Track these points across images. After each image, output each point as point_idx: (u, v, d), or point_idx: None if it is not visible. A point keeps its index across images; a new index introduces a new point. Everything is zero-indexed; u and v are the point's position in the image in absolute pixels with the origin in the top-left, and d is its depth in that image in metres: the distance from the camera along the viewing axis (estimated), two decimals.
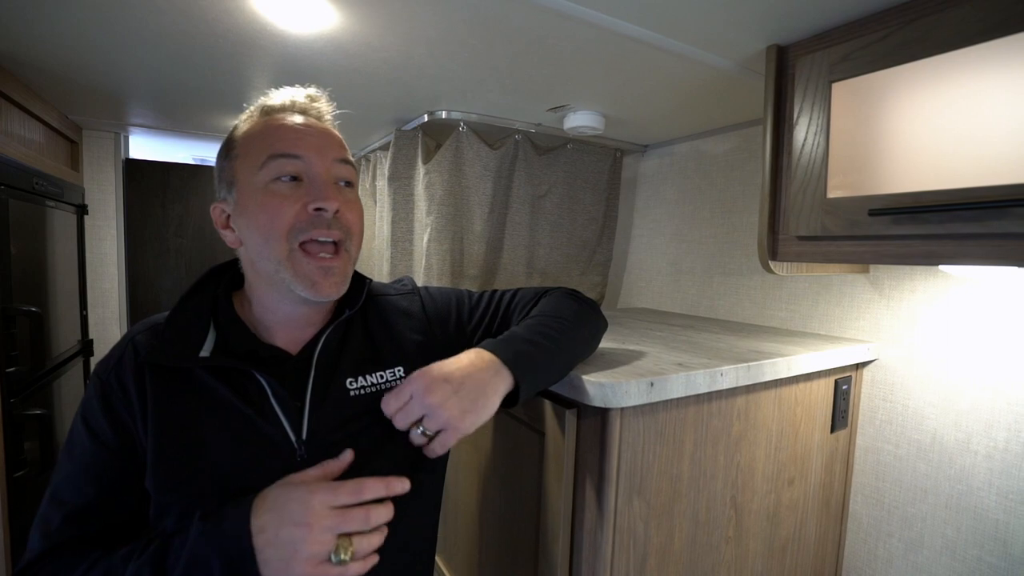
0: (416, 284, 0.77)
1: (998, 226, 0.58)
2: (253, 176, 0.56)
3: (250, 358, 0.58)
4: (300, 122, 0.59)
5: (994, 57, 0.58)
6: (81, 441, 0.55)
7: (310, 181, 0.56)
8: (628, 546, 0.69)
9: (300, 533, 0.46)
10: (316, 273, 0.56)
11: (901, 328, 0.95)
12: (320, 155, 0.57)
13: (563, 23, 0.75)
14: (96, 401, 0.55)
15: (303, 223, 0.55)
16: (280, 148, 0.56)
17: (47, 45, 0.93)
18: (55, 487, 0.55)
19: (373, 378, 0.63)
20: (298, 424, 0.57)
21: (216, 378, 0.56)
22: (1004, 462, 0.81)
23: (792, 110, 0.78)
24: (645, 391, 0.65)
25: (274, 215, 0.55)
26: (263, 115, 0.60)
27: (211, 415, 0.55)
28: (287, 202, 0.55)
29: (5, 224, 1.05)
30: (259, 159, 0.56)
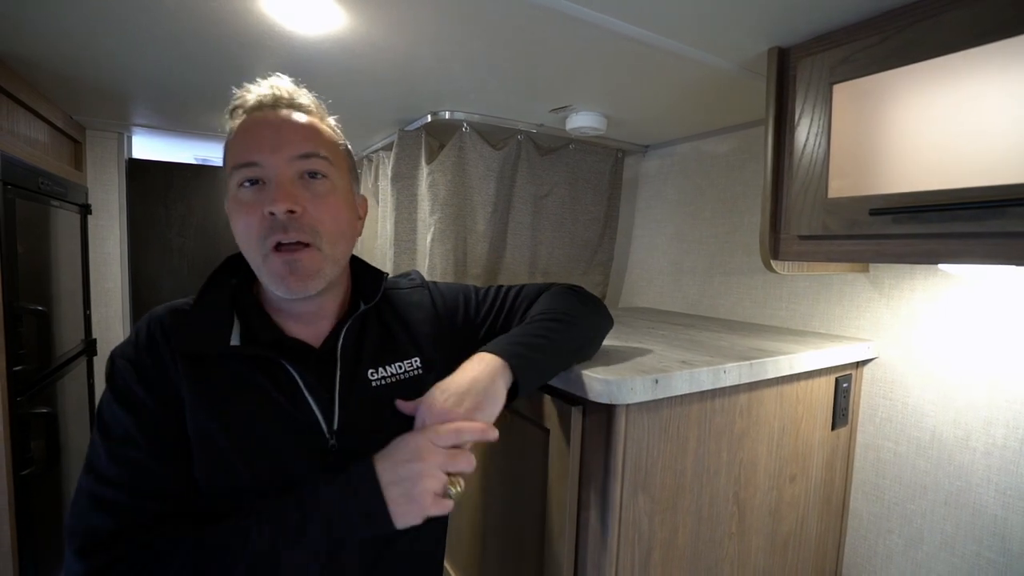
0: (424, 278, 0.78)
1: (996, 225, 0.59)
2: (229, 185, 0.58)
3: (275, 348, 0.59)
4: (261, 120, 0.58)
5: (991, 60, 0.60)
6: (120, 422, 0.53)
7: (268, 184, 0.56)
8: (633, 541, 0.70)
9: (417, 468, 0.49)
10: (282, 269, 0.56)
11: (901, 327, 0.96)
12: (274, 153, 0.56)
13: (566, 25, 0.76)
14: (130, 378, 0.55)
15: (265, 229, 0.55)
16: (240, 157, 0.56)
17: (54, 45, 0.93)
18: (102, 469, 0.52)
19: (392, 368, 0.65)
20: (330, 414, 0.59)
21: (246, 366, 0.57)
22: (1002, 459, 0.82)
23: (793, 111, 0.79)
24: (650, 388, 0.65)
25: (244, 224, 0.56)
26: (235, 118, 0.60)
27: (246, 401, 0.56)
28: (251, 210, 0.55)
29: (12, 224, 1.05)
30: (229, 168, 0.58)
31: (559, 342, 0.65)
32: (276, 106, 0.60)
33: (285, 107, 0.60)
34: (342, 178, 0.62)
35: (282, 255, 0.55)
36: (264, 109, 0.59)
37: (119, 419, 0.54)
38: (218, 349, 0.56)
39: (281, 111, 0.59)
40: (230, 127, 0.60)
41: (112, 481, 0.52)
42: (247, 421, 0.56)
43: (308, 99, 0.63)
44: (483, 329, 0.74)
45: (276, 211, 0.54)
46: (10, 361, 1.04)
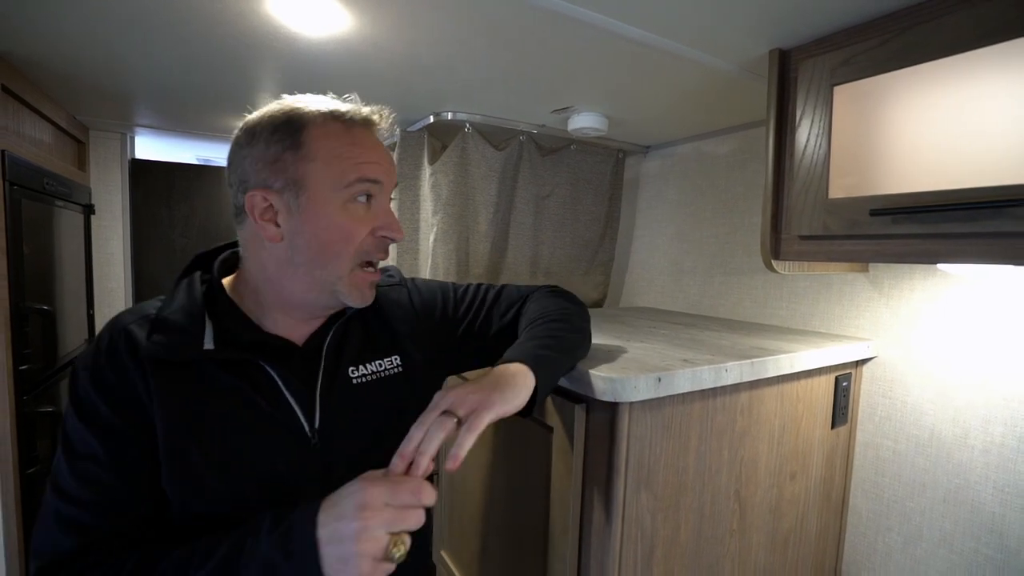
0: (403, 275, 0.78)
1: (994, 225, 0.60)
2: (333, 191, 0.56)
3: (254, 348, 0.58)
4: (377, 144, 0.59)
5: (990, 62, 0.60)
6: (83, 438, 0.52)
7: (378, 206, 0.59)
8: (636, 538, 0.71)
9: (356, 527, 0.44)
10: (367, 288, 0.60)
11: (900, 326, 0.97)
12: (390, 182, 0.60)
13: (568, 26, 0.77)
14: (92, 392, 0.52)
15: (369, 246, 0.59)
16: (369, 173, 0.57)
17: (58, 46, 0.94)
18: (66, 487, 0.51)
19: (372, 366, 0.65)
20: (310, 412, 0.59)
21: (222, 369, 0.55)
22: (1000, 456, 0.83)
23: (794, 113, 0.80)
24: (653, 386, 0.66)
25: (348, 235, 0.57)
26: (339, 122, 0.57)
27: (222, 407, 0.55)
28: (360, 225, 0.57)
29: (18, 224, 1.06)
30: (347, 177, 0.56)
31: (567, 343, 0.67)
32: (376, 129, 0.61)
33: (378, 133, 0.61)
34: None
35: (371, 275, 0.60)
36: (371, 127, 0.60)
37: (81, 435, 0.52)
38: (190, 355, 0.54)
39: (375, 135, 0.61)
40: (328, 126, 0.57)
41: (76, 500, 0.51)
42: (222, 430, 0.54)
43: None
44: (461, 327, 0.74)
45: (398, 239, 0.60)
46: (16, 360, 1.05)
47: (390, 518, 0.46)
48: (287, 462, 0.56)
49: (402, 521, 0.46)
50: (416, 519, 0.47)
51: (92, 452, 0.52)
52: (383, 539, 0.45)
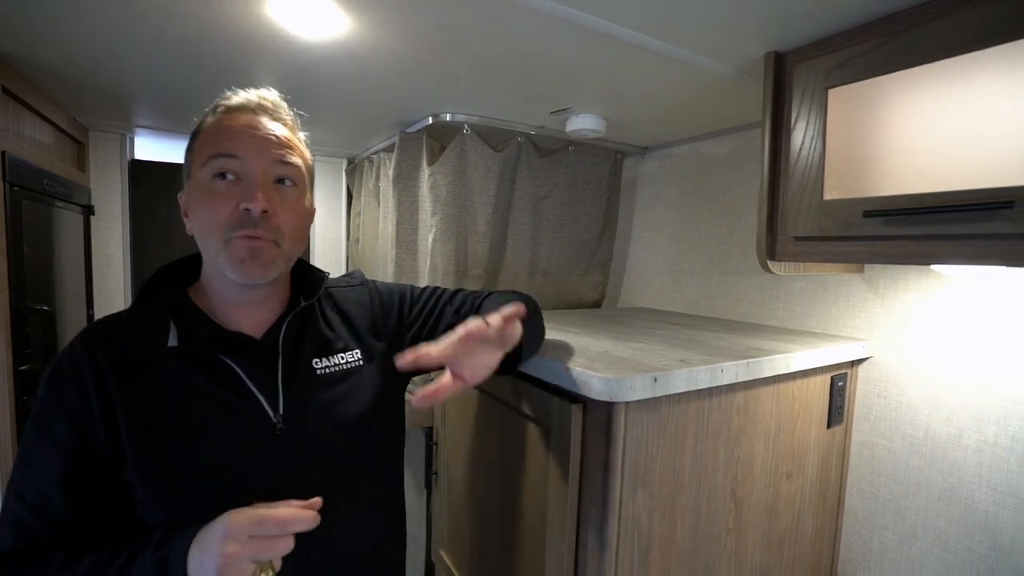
0: (365, 277, 0.83)
1: (987, 227, 0.61)
2: (199, 172, 0.60)
3: (215, 345, 0.61)
4: (245, 122, 0.61)
5: (983, 65, 0.61)
6: (36, 445, 0.55)
7: (245, 180, 0.59)
8: (632, 536, 0.71)
9: (217, 561, 0.48)
10: (244, 253, 0.59)
11: (895, 326, 0.97)
12: (258, 155, 0.60)
13: (567, 29, 0.78)
14: (49, 404, 0.56)
15: (235, 221, 0.58)
16: (221, 148, 0.59)
17: (58, 47, 0.94)
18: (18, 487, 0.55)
19: (335, 359, 0.69)
20: (274, 401, 0.62)
21: (186, 366, 0.58)
22: (994, 456, 0.83)
23: (790, 115, 0.81)
24: (649, 386, 0.67)
25: (212, 212, 0.58)
26: (217, 114, 0.62)
27: (187, 402, 0.58)
28: (223, 200, 0.58)
29: (19, 224, 1.06)
30: (204, 157, 0.59)
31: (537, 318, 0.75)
32: (259, 112, 0.63)
33: (268, 116, 0.63)
34: (306, 188, 0.67)
35: (246, 241, 0.59)
36: (247, 112, 0.62)
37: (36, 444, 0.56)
38: (154, 352, 0.57)
39: (263, 118, 0.63)
40: (207, 121, 0.62)
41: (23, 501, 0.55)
42: (190, 424, 0.57)
43: (288, 114, 0.67)
44: (410, 332, 0.78)
45: (253, 209, 0.58)
46: (16, 361, 1.05)
47: (254, 550, 0.49)
48: (255, 450, 0.59)
49: (267, 551, 0.50)
50: (283, 546, 0.51)
51: (41, 461, 0.55)
52: (247, 569, 0.49)
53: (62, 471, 0.55)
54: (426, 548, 1.40)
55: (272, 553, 0.50)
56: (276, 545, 0.51)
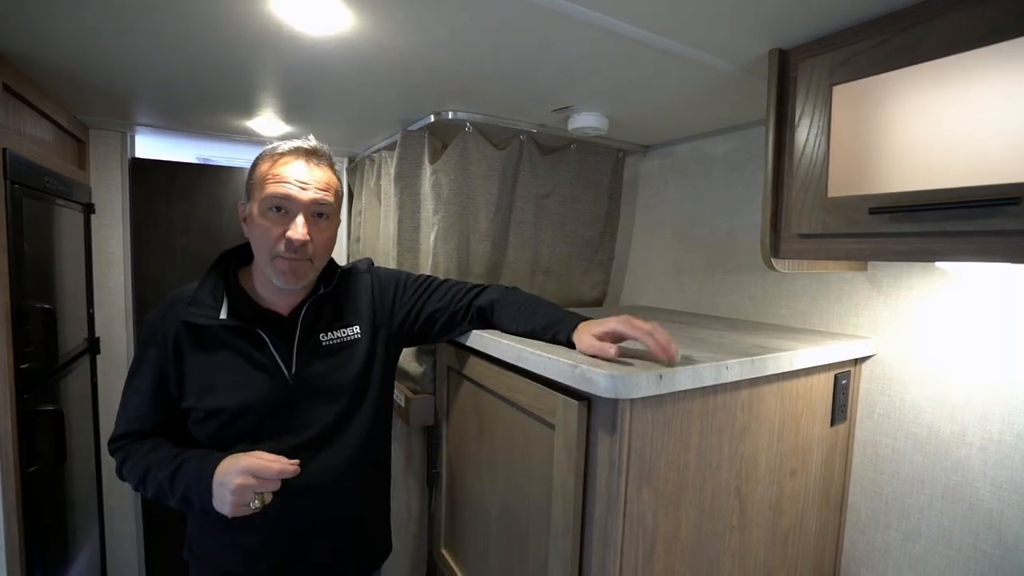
0: (372, 264, 1.05)
1: (991, 224, 0.61)
2: (260, 203, 0.82)
3: (255, 319, 0.85)
4: (295, 169, 0.82)
5: (988, 62, 0.61)
6: (136, 378, 0.86)
7: (291, 215, 0.81)
8: (637, 534, 0.71)
9: (231, 489, 0.75)
10: (286, 269, 0.82)
11: (899, 324, 0.97)
12: (301, 196, 0.81)
13: (570, 26, 0.78)
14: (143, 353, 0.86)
15: (280, 247, 0.81)
16: (277, 190, 0.80)
17: (59, 44, 0.94)
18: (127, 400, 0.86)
19: (339, 333, 0.92)
20: (289, 363, 0.86)
21: (232, 333, 0.84)
22: (998, 453, 0.83)
23: (794, 112, 0.80)
24: (654, 383, 0.67)
25: (264, 235, 0.81)
26: (274, 156, 0.83)
27: (230, 359, 0.84)
28: (273, 228, 0.81)
29: (19, 222, 1.06)
30: (263, 193, 0.81)
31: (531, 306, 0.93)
32: (304, 158, 0.84)
33: (312, 161, 0.84)
34: (337, 213, 0.89)
35: (288, 262, 0.82)
36: (297, 156, 0.83)
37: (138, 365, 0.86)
38: (212, 323, 0.83)
39: (309, 163, 0.84)
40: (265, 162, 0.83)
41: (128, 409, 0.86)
42: (232, 370, 0.83)
43: (326, 155, 0.87)
44: (399, 316, 0.98)
45: (296, 240, 0.80)
46: (17, 359, 1.05)
47: (256, 485, 0.76)
48: (271, 394, 0.85)
49: (262, 488, 0.77)
50: (272, 486, 0.78)
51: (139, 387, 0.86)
52: (248, 495, 0.76)
53: (150, 395, 0.85)
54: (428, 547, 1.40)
55: (265, 489, 0.77)
56: (268, 485, 0.77)
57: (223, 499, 0.76)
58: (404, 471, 1.47)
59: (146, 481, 0.81)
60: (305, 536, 0.87)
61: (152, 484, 0.81)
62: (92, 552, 1.57)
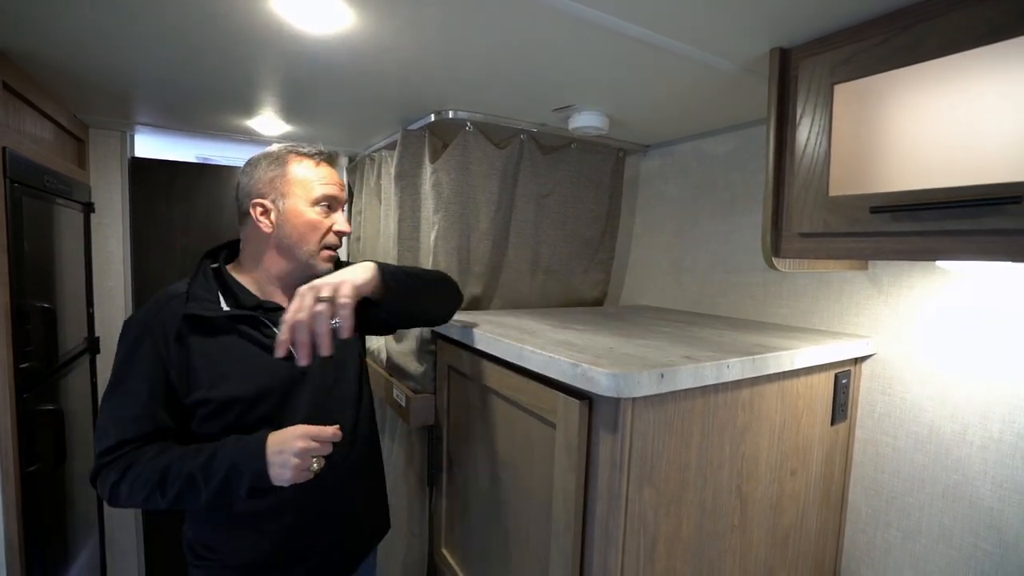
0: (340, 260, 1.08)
1: (993, 222, 0.61)
2: (306, 204, 0.89)
3: (256, 308, 0.88)
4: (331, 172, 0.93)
5: (989, 61, 0.61)
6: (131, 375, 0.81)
7: (334, 211, 0.92)
8: (639, 533, 0.71)
9: (295, 452, 0.77)
10: (329, 260, 0.92)
11: (899, 323, 0.97)
12: (341, 198, 0.93)
13: (571, 25, 0.77)
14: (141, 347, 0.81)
15: (330, 238, 0.91)
16: (326, 192, 0.90)
17: (60, 42, 0.94)
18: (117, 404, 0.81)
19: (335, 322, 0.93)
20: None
21: (238, 322, 0.86)
22: (999, 452, 0.83)
23: (795, 111, 0.80)
24: (656, 382, 0.67)
25: (316, 228, 0.90)
26: (308, 158, 0.91)
27: (242, 345, 0.86)
28: (324, 223, 0.90)
29: (19, 221, 1.06)
30: (313, 192, 0.89)
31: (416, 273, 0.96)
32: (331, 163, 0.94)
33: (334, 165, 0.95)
34: None
35: (331, 254, 0.93)
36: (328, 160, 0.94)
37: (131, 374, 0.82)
38: (219, 313, 0.85)
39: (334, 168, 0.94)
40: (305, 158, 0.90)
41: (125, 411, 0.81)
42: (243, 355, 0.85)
43: None
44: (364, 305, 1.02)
45: (347, 232, 0.93)
46: (17, 358, 1.04)
47: (315, 447, 0.78)
48: (284, 378, 0.88)
49: (322, 450, 0.79)
50: (327, 450, 0.80)
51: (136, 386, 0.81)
52: (309, 462, 0.78)
53: (148, 395, 0.81)
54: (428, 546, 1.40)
55: (322, 452, 0.80)
56: (325, 448, 0.80)
57: (285, 465, 0.76)
58: (404, 470, 1.46)
59: (165, 483, 0.77)
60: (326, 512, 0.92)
61: (175, 483, 0.76)
62: (92, 552, 1.57)
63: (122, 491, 0.78)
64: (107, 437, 0.79)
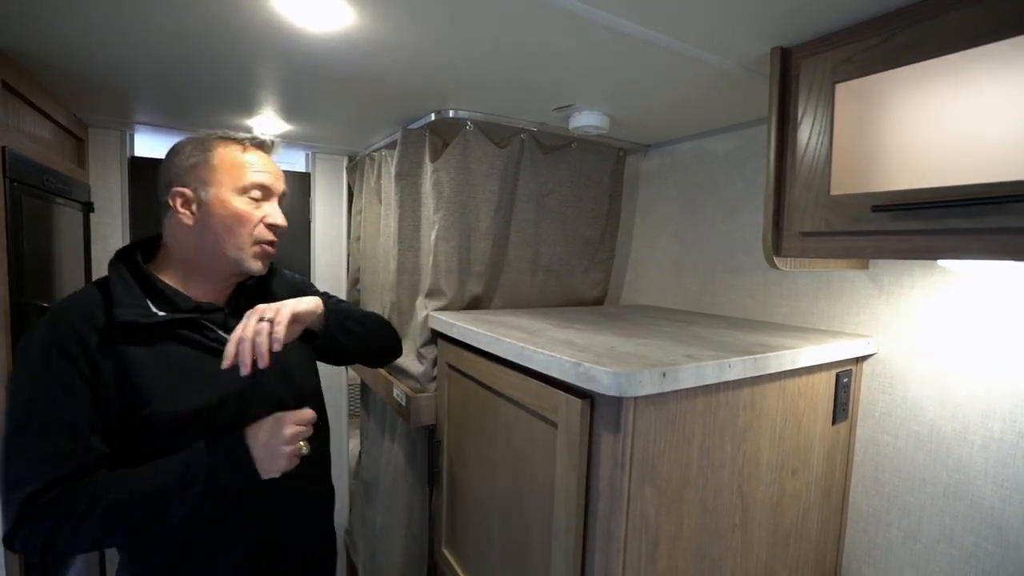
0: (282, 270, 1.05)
1: (995, 221, 0.60)
2: (233, 193, 0.81)
3: (196, 311, 0.81)
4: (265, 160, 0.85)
5: (990, 60, 0.61)
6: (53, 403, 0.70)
7: (268, 202, 0.85)
8: (640, 532, 0.71)
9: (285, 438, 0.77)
10: (263, 257, 0.85)
11: (900, 323, 0.97)
12: (276, 185, 0.86)
13: (572, 24, 0.77)
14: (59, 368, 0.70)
15: (262, 230, 0.84)
16: (256, 179, 0.83)
17: (59, 42, 0.93)
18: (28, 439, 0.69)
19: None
20: None
21: (173, 328, 0.78)
22: (1000, 451, 0.83)
23: (796, 110, 0.80)
24: (658, 381, 0.67)
25: (242, 220, 0.81)
26: (236, 143, 0.83)
27: (184, 352, 0.79)
28: (254, 214, 0.83)
29: (19, 220, 1.06)
30: (241, 180, 0.81)
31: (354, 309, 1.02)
32: (270, 150, 0.88)
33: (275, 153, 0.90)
34: None
35: (265, 248, 0.85)
36: (266, 149, 0.87)
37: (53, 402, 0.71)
38: (155, 319, 0.76)
39: (273, 155, 0.89)
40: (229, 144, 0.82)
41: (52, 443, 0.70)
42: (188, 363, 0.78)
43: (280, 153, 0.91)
44: None
45: (280, 225, 0.85)
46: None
47: (300, 432, 0.79)
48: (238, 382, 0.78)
49: (306, 433, 0.80)
50: (308, 432, 0.80)
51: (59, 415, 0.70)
52: (296, 444, 0.78)
53: (78, 419, 0.71)
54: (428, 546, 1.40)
55: (308, 434, 0.80)
56: (306, 432, 0.80)
57: (275, 456, 0.75)
58: (405, 470, 1.46)
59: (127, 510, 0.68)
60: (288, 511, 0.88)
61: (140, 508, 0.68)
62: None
63: (60, 539, 0.66)
64: (29, 482, 0.66)
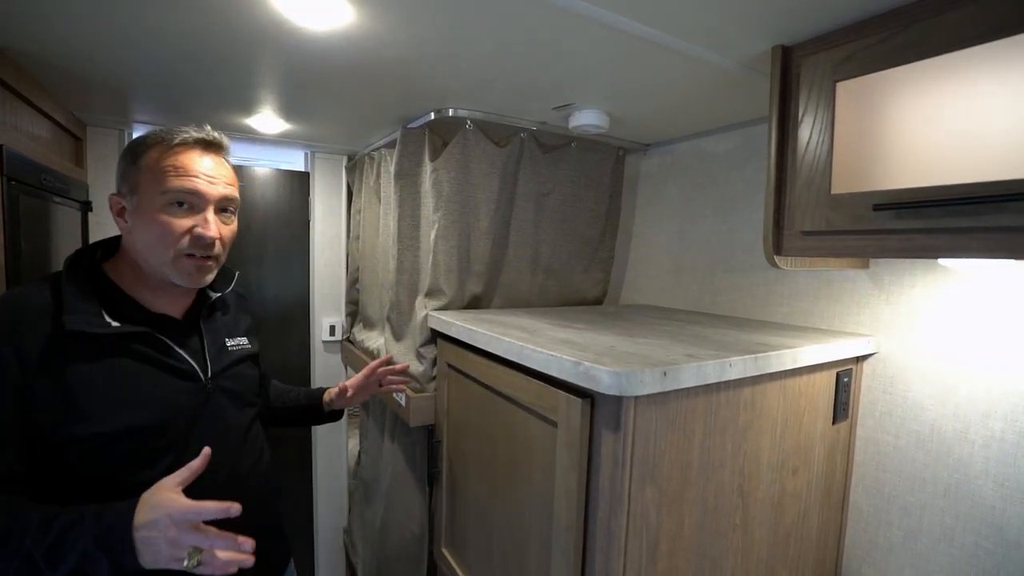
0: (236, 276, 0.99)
1: (996, 220, 0.60)
2: (154, 197, 0.73)
3: (149, 323, 0.76)
4: (198, 160, 0.75)
5: (991, 58, 0.61)
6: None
7: (198, 211, 0.75)
8: (641, 532, 0.71)
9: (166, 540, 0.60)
10: (193, 270, 0.77)
11: (900, 322, 0.97)
12: (210, 190, 0.76)
13: (572, 22, 0.77)
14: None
15: (188, 241, 0.74)
16: (183, 184, 0.73)
17: (57, 40, 0.93)
18: None
19: (239, 340, 0.93)
20: (204, 366, 0.82)
21: (128, 341, 0.73)
22: (1000, 451, 0.83)
23: (797, 109, 0.80)
24: (659, 380, 0.66)
25: (164, 232, 0.73)
26: (172, 146, 0.74)
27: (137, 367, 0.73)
28: (178, 224, 0.73)
29: (17, 219, 1.05)
30: (162, 186, 0.72)
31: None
32: (210, 150, 0.78)
33: (219, 153, 0.80)
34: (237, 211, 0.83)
35: (196, 261, 0.76)
36: (201, 148, 0.77)
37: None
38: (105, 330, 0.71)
39: (214, 155, 0.78)
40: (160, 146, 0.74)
41: None
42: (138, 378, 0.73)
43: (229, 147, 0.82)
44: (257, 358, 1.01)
45: (209, 237, 0.75)
46: None
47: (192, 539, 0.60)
48: (189, 397, 0.79)
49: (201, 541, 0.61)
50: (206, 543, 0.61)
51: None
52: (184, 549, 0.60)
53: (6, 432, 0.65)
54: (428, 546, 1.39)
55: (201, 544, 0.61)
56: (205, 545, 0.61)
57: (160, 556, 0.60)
58: (404, 470, 1.46)
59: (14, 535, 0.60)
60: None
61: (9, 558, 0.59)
62: None
63: None
64: None
